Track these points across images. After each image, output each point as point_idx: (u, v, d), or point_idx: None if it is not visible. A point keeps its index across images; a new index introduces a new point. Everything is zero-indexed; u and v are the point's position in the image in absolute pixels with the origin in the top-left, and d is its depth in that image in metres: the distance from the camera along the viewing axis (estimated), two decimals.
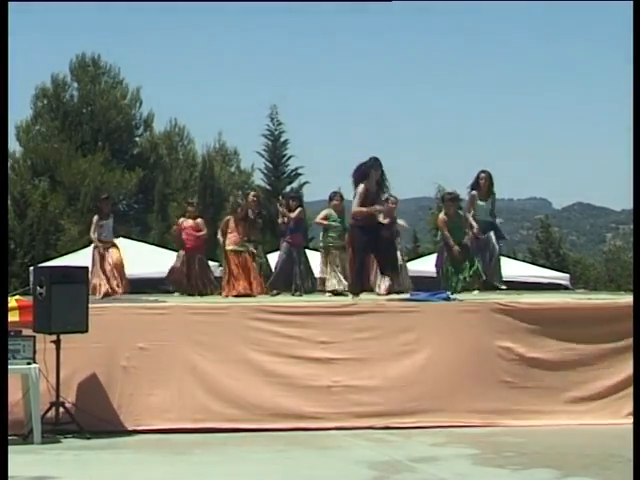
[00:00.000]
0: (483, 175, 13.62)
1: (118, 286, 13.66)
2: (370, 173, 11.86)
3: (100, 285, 13.56)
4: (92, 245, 14.12)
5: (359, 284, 12.40)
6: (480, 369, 11.08)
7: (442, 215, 13.86)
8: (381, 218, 12.90)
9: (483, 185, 13.59)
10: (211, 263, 15.27)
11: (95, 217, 14.08)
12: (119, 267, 13.79)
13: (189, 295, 13.82)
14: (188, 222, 14.39)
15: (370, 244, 11.95)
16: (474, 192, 13.59)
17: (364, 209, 11.81)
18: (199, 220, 14.50)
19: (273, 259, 14.77)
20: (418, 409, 10.85)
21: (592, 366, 11.18)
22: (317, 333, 11.00)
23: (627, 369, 10.77)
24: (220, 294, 13.92)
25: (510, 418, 10.94)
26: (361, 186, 11.79)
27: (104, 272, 13.65)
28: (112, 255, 13.79)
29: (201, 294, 14.02)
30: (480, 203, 13.57)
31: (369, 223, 11.93)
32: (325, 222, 14.14)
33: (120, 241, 15.08)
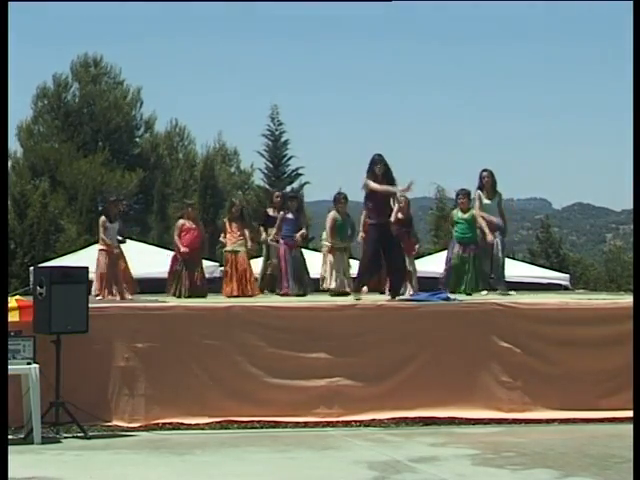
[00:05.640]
0: (485, 174, 13.59)
1: (126, 289, 13.68)
2: (373, 169, 11.88)
3: (104, 289, 13.57)
4: (97, 248, 14.13)
5: (362, 281, 12.37)
6: (479, 369, 11.10)
7: (454, 211, 14.25)
8: (396, 214, 12.93)
9: (487, 183, 13.57)
10: (211, 263, 15.27)
11: (102, 218, 14.11)
12: (125, 272, 13.83)
13: (189, 297, 13.74)
14: (190, 224, 14.34)
15: (381, 242, 11.96)
16: (479, 192, 13.61)
17: (378, 187, 11.79)
18: (200, 222, 14.49)
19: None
20: (417, 408, 10.88)
21: (592, 366, 11.19)
22: (317, 332, 11.01)
23: (626, 369, 10.76)
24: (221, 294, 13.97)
25: (509, 418, 10.98)
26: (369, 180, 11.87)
27: (112, 276, 13.66)
28: (117, 260, 13.82)
29: (202, 295, 13.99)
30: (486, 202, 13.57)
31: (383, 221, 11.97)
32: (333, 229, 14.19)
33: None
